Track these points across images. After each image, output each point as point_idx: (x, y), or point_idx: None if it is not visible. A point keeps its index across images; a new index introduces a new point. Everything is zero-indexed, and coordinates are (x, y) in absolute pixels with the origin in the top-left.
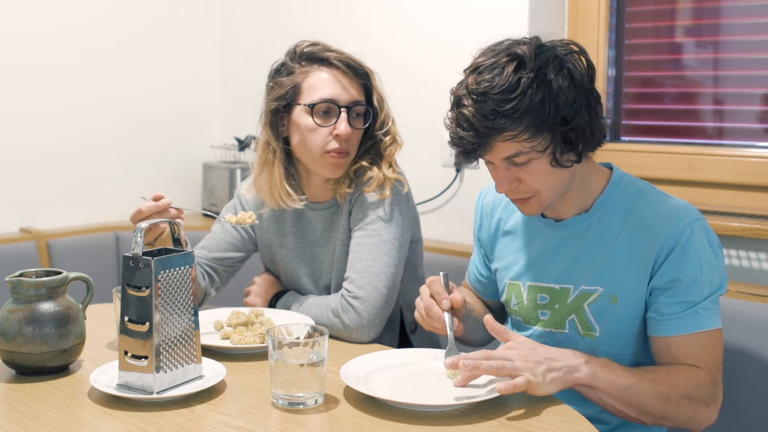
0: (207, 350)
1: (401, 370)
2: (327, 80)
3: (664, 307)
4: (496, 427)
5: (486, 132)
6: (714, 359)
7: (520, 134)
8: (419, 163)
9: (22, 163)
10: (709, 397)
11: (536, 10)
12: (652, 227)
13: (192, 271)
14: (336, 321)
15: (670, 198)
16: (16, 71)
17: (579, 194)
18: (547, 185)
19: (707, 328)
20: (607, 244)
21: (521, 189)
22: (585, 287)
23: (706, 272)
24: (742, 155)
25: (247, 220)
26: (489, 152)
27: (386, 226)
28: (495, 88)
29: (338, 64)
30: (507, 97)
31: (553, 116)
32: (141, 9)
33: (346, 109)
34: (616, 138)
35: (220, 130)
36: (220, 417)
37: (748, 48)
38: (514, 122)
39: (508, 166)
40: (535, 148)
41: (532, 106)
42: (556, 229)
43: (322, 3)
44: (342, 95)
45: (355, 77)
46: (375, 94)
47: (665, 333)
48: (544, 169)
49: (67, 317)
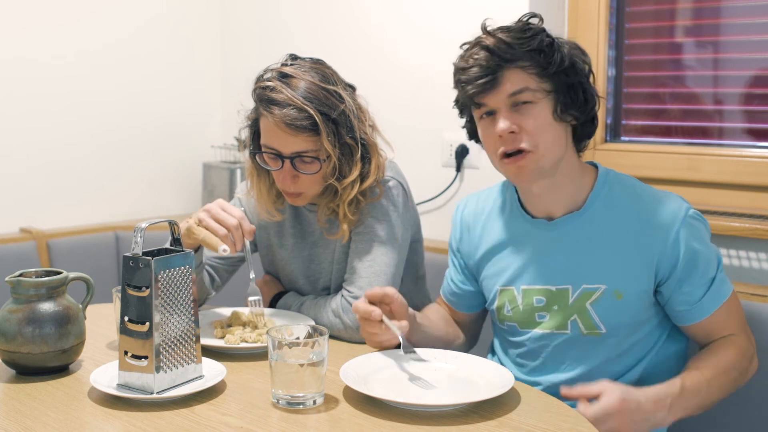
0: (207, 350)
1: (401, 370)
2: (269, 131)
3: (688, 295)
4: (496, 427)
5: (502, 57)
6: (741, 318)
7: (529, 67)
8: (419, 163)
9: (22, 163)
10: (751, 353)
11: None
12: (649, 224)
13: (193, 275)
14: (336, 321)
15: (655, 191)
16: (16, 70)
17: (569, 190)
18: (545, 139)
19: (728, 295)
20: (602, 240)
21: (520, 138)
22: (587, 286)
23: (709, 249)
24: (742, 155)
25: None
26: (498, 85)
27: (386, 227)
28: (511, 28)
29: (273, 121)
30: (522, 35)
31: (559, 63)
32: (141, 8)
33: (289, 159)
34: (616, 138)
35: (220, 130)
36: (220, 417)
37: (748, 48)
38: (526, 54)
39: (511, 112)
40: (541, 86)
41: (542, 47)
42: (548, 230)
43: (322, 3)
44: (283, 147)
45: (296, 132)
46: (323, 145)
47: (701, 318)
48: (545, 119)
49: (67, 317)
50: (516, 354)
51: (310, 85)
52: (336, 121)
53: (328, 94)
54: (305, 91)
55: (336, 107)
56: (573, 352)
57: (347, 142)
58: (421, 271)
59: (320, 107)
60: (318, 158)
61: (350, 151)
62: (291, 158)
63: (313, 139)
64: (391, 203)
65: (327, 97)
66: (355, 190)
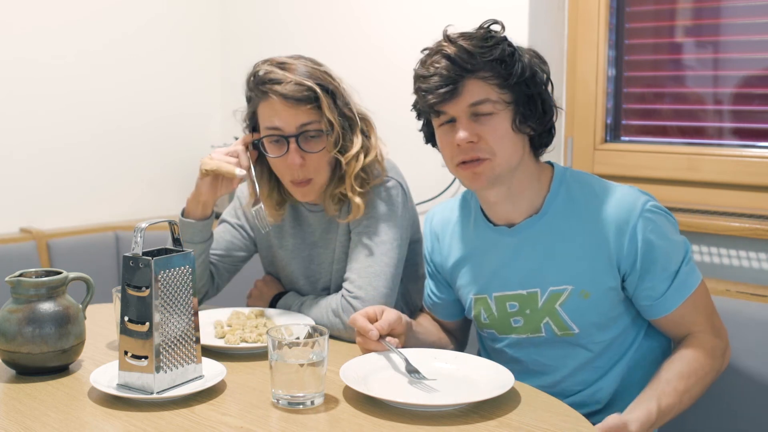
0: (207, 350)
1: (401, 370)
2: (271, 110)
3: (651, 290)
4: (496, 427)
5: (463, 67)
6: (709, 309)
7: (490, 78)
8: (419, 163)
9: (22, 163)
10: (721, 348)
11: (536, 10)
12: (606, 220)
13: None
14: (336, 321)
15: (614, 186)
16: (16, 70)
17: (528, 194)
18: (503, 148)
19: (694, 287)
20: (564, 241)
21: (479, 147)
22: (553, 288)
23: (671, 241)
24: (742, 155)
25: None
26: (458, 95)
27: (385, 227)
28: (473, 36)
29: (276, 98)
30: (484, 43)
31: (520, 74)
32: (141, 8)
33: (294, 138)
34: (616, 138)
35: (220, 130)
36: (220, 417)
37: (748, 48)
38: (487, 64)
39: (470, 121)
40: (501, 97)
41: (504, 56)
42: (510, 236)
43: (322, 3)
44: (287, 124)
45: (298, 104)
46: (324, 116)
47: (665, 312)
48: (504, 129)
49: (67, 317)
50: (499, 361)
51: (305, 66)
52: (334, 94)
53: (322, 71)
54: (302, 70)
55: (331, 82)
56: (552, 354)
57: (346, 114)
58: (421, 271)
59: (318, 81)
60: (322, 131)
61: (349, 124)
62: (296, 136)
63: (315, 112)
64: (391, 203)
65: (322, 74)
66: (360, 163)
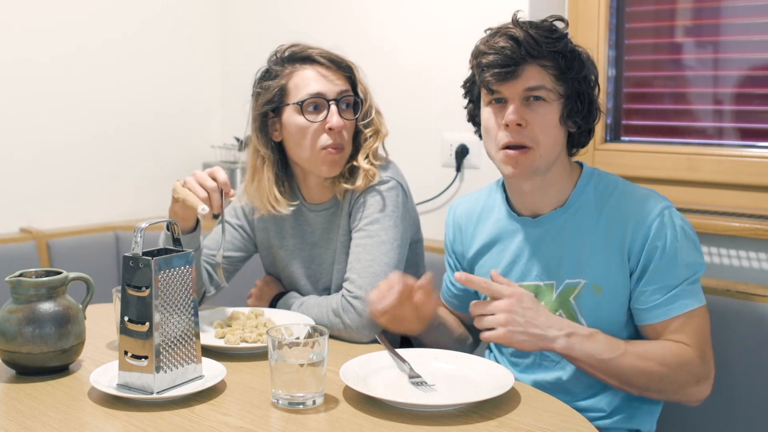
0: (207, 350)
1: (401, 370)
2: (312, 76)
3: (644, 296)
4: (496, 427)
5: (528, 51)
6: (701, 337)
7: (550, 68)
8: (419, 163)
9: (22, 163)
10: (699, 374)
11: (536, 10)
12: (624, 217)
13: (192, 272)
14: (336, 321)
15: (639, 188)
16: (16, 70)
17: (557, 187)
18: (547, 138)
19: (689, 308)
20: (584, 236)
21: (524, 133)
22: (569, 281)
23: (681, 256)
24: (742, 155)
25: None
26: (517, 78)
27: (386, 227)
28: (540, 26)
29: (321, 60)
30: (549, 34)
31: (577, 70)
32: (141, 8)
33: (335, 102)
34: (616, 138)
35: (220, 130)
36: (220, 417)
37: (747, 48)
38: (550, 54)
39: (522, 105)
40: (555, 88)
41: (565, 51)
42: (534, 227)
43: (322, 3)
44: (329, 89)
45: (338, 70)
46: (360, 85)
47: (650, 321)
48: (552, 120)
49: (67, 317)
50: (510, 352)
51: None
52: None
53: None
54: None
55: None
56: None
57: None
58: (421, 271)
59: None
60: (359, 97)
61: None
62: (337, 100)
63: (348, 83)
64: (391, 203)
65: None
66: (380, 139)
